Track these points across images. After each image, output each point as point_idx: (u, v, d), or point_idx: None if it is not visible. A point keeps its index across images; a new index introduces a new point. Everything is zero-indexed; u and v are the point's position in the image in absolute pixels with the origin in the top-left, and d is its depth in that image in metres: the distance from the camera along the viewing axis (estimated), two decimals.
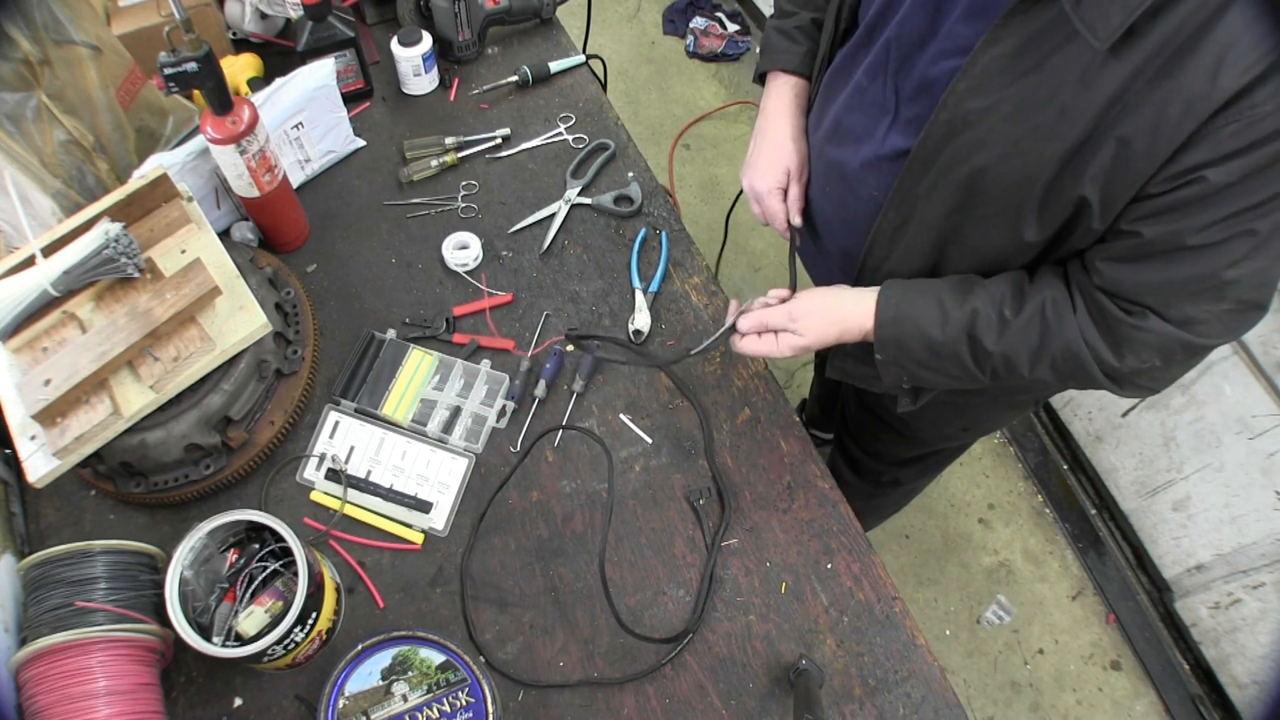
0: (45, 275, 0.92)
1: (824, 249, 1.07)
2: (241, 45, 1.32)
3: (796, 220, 1.04)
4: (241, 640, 0.83)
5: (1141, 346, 0.79)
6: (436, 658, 0.85)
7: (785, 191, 1.04)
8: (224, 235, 1.13)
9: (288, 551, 0.86)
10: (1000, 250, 0.85)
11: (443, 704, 0.83)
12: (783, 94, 1.06)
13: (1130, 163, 0.70)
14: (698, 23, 2.91)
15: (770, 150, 1.04)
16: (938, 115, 0.77)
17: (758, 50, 2.91)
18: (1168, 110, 0.66)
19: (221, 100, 0.97)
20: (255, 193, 1.06)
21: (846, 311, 0.91)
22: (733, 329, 0.96)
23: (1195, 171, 0.68)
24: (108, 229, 0.93)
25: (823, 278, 1.12)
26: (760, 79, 1.10)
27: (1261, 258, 0.72)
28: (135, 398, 0.92)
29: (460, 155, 1.27)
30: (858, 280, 0.97)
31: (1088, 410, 1.94)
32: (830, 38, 0.97)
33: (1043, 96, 0.71)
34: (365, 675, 0.84)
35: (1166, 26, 0.65)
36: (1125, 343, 0.80)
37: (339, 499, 1.00)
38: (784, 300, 0.95)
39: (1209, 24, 0.64)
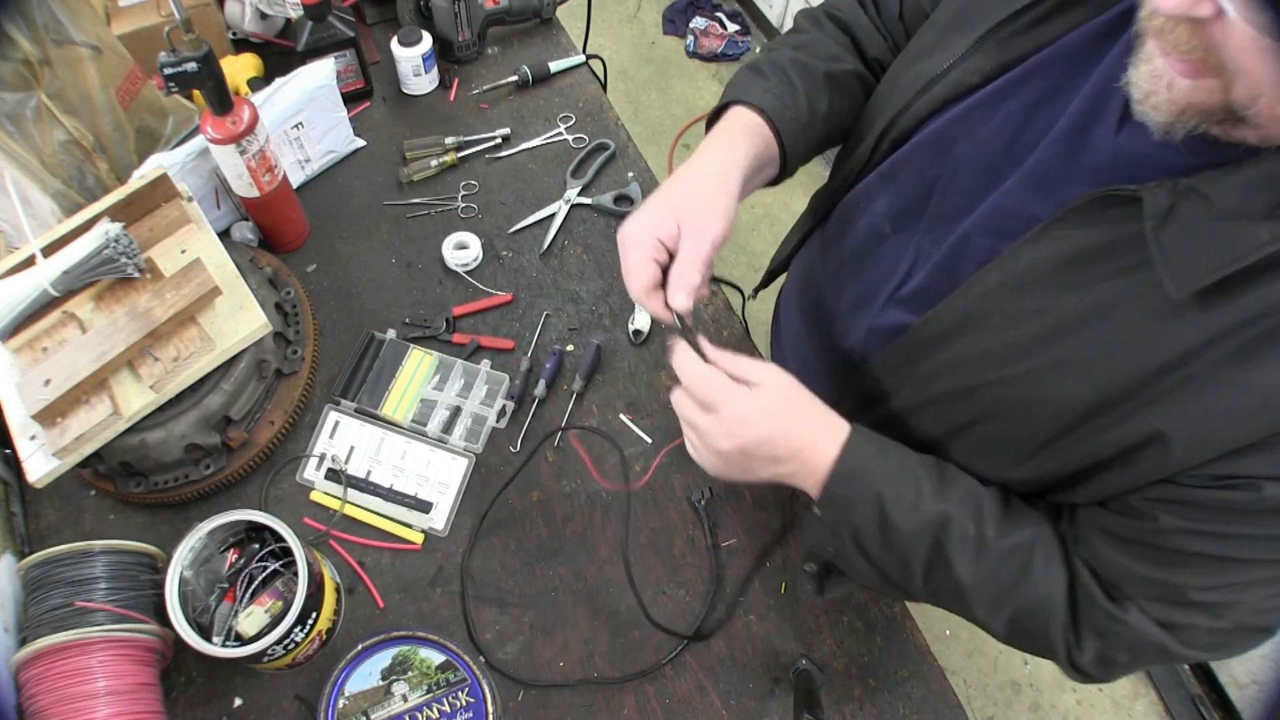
0: (45, 275, 0.92)
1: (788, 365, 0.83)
2: (241, 45, 1.32)
3: (679, 302, 0.67)
4: (241, 640, 0.83)
5: (1114, 640, 0.63)
6: (436, 658, 0.85)
7: (669, 252, 0.69)
8: (224, 235, 1.13)
9: (288, 551, 0.86)
10: (979, 475, 0.69)
11: (443, 704, 0.83)
12: (729, 129, 0.76)
13: (1163, 457, 0.55)
14: (698, 23, 2.91)
15: (671, 188, 0.71)
16: (953, 300, 0.63)
17: (757, 51, 2.91)
18: (1233, 403, 0.51)
19: (221, 100, 0.97)
20: (255, 193, 1.06)
21: (806, 428, 0.67)
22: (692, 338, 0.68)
23: (1249, 479, 0.53)
24: (108, 229, 0.93)
25: None
26: (711, 125, 0.81)
27: None
28: (135, 398, 0.92)
29: (460, 155, 1.27)
30: None
31: None
32: (864, 161, 0.78)
33: (1086, 326, 0.56)
34: (365, 675, 0.84)
35: (1275, 293, 0.49)
36: (1092, 628, 0.63)
37: (339, 499, 1.00)
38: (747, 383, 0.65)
39: None
